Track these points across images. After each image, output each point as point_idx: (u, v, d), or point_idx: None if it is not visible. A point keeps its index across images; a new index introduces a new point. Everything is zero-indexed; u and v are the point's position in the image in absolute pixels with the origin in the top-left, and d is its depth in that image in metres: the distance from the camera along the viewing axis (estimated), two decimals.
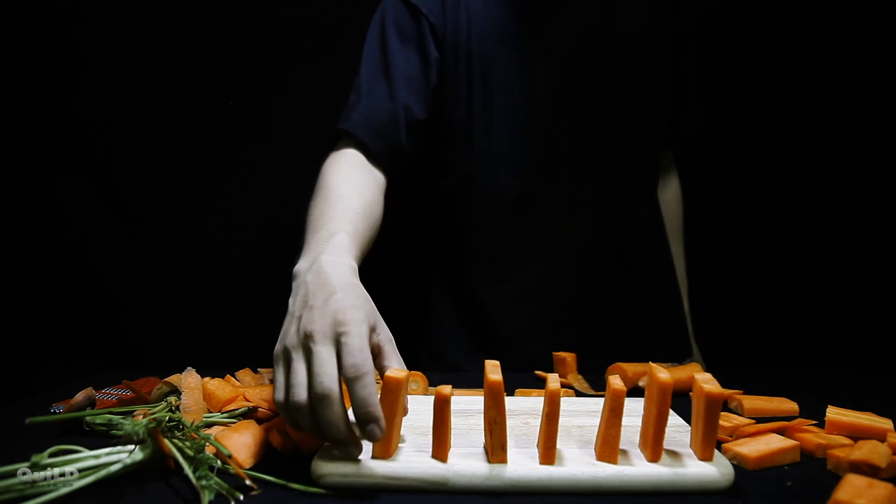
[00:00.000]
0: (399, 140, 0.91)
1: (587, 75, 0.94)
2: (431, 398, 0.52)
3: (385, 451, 0.51)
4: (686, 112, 1.06)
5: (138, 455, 0.51)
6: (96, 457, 0.50)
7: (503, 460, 0.51)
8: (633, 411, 0.60)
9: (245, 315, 1.16)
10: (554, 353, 0.89)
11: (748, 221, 1.26)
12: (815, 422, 0.62)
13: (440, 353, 1.03)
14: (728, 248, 1.24)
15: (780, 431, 0.60)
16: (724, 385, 0.54)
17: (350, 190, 0.80)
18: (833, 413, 0.61)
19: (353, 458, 0.51)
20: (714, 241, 1.20)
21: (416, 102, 0.93)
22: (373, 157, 0.89)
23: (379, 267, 1.22)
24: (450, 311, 1.03)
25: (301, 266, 0.64)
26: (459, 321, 1.02)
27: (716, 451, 0.52)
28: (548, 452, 0.50)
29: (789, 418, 0.66)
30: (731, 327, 1.20)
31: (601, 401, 0.58)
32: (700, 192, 1.17)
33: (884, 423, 0.59)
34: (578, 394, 0.79)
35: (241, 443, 0.55)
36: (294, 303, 0.59)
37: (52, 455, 0.49)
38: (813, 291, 1.22)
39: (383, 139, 0.90)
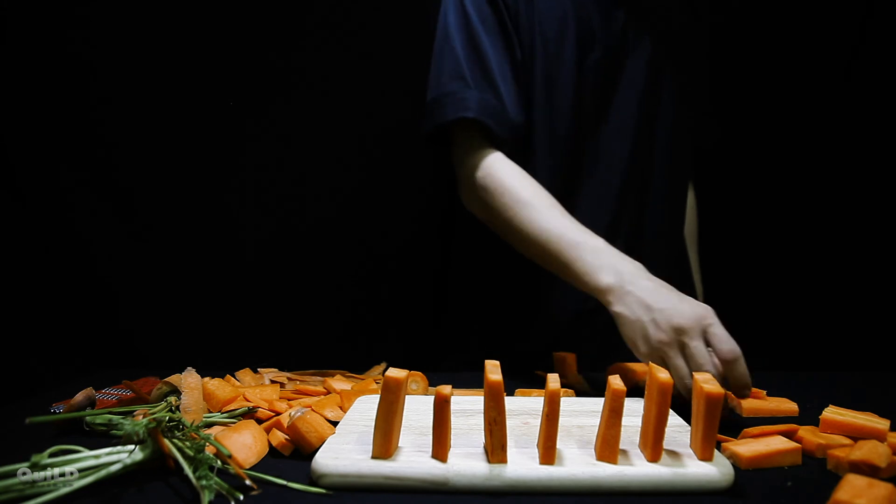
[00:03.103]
0: (518, 125, 0.90)
1: (631, 63, 0.95)
2: (431, 398, 0.52)
3: (385, 451, 0.52)
4: (704, 124, 1.07)
5: (138, 455, 0.51)
6: (96, 457, 0.50)
7: (503, 460, 0.51)
8: (633, 411, 0.60)
9: (245, 315, 1.16)
10: (554, 353, 0.89)
11: (750, 222, 1.26)
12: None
13: (461, 350, 1.03)
14: (729, 246, 1.25)
15: (790, 434, 0.59)
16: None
17: (549, 199, 0.84)
18: (830, 412, 0.61)
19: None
20: (716, 242, 1.20)
21: (516, 89, 0.91)
22: (498, 146, 0.89)
23: (381, 264, 1.23)
24: (470, 307, 1.04)
25: (611, 280, 0.74)
26: (481, 317, 1.02)
27: (716, 451, 0.52)
28: (548, 452, 0.50)
29: (789, 419, 0.66)
30: (735, 326, 1.20)
31: (601, 401, 0.58)
32: (707, 194, 1.17)
33: (881, 423, 0.59)
34: (578, 394, 0.79)
35: (241, 443, 0.55)
36: (630, 311, 0.72)
37: (52, 455, 0.49)
38: (818, 291, 1.22)
39: (506, 126, 0.88)
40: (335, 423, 0.61)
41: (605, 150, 0.96)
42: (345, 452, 0.53)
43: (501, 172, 0.85)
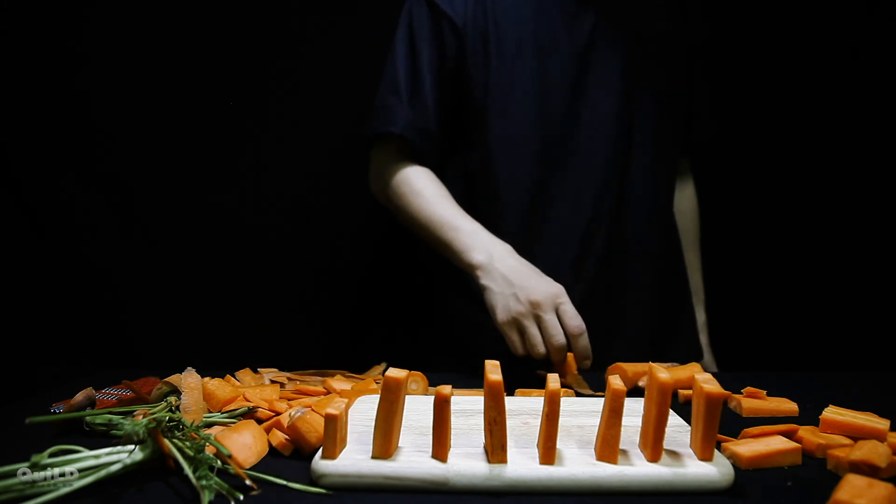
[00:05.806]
0: (439, 138, 0.99)
1: (602, 67, 0.96)
2: (431, 398, 0.52)
3: (385, 451, 0.52)
4: (701, 120, 1.07)
5: (138, 455, 0.51)
6: (96, 457, 0.50)
7: (503, 460, 0.51)
8: (633, 411, 0.59)
9: (245, 315, 1.16)
10: None
11: (751, 222, 1.26)
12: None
13: (448, 347, 1.03)
14: (730, 247, 1.25)
15: (790, 434, 0.59)
16: (728, 386, 0.53)
17: (440, 190, 0.96)
18: (830, 412, 0.61)
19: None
20: (718, 242, 1.20)
21: (442, 102, 0.98)
22: (417, 154, 0.99)
23: (381, 264, 1.23)
24: (455, 302, 1.03)
25: (481, 258, 0.85)
26: (465, 311, 1.02)
27: (716, 451, 0.52)
28: (548, 452, 0.50)
29: (789, 419, 0.66)
30: (735, 326, 1.20)
31: (601, 401, 0.58)
32: (707, 195, 1.17)
33: (881, 423, 0.59)
34: (578, 394, 0.78)
35: (241, 443, 0.55)
36: (496, 284, 0.83)
37: (52, 455, 0.49)
38: (818, 291, 1.22)
39: (428, 140, 0.97)
40: None
41: (579, 152, 0.96)
42: (345, 452, 0.53)
43: (407, 170, 0.97)
